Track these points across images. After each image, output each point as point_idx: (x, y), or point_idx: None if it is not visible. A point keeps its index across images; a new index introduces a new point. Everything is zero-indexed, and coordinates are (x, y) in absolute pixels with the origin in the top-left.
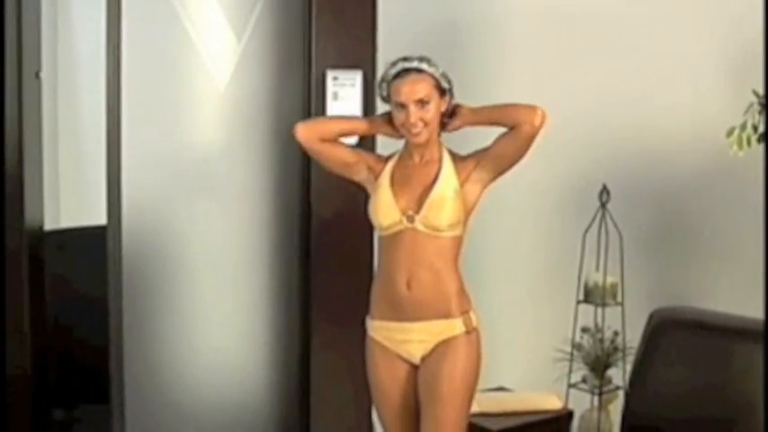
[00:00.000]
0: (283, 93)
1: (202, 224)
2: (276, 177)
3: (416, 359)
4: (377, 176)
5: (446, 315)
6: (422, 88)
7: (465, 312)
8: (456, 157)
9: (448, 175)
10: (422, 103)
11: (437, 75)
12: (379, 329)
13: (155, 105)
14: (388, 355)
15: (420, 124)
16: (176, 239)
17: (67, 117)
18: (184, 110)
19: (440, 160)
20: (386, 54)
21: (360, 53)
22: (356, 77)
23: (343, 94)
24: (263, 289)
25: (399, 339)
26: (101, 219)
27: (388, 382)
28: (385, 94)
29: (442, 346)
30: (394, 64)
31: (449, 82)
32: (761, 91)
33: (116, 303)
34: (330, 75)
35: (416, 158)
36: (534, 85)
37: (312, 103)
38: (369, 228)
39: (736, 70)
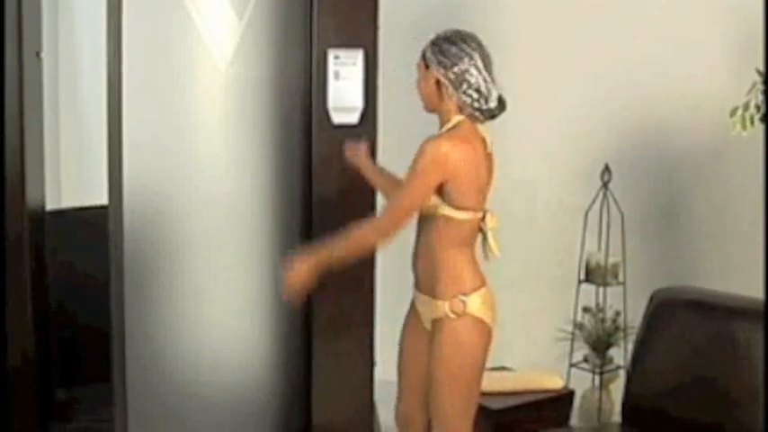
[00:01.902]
0: (285, 72)
1: (203, 203)
2: (277, 157)
3: (428, 328)
4: None
5: (434, 295)
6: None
7: (458, 296)
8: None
9: None
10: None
11: (427, 43)
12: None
13: (156, 85)
14: (415, 319)
15: (418, 92)
16: (178, 219)
17: (68, 97)
18: (185, 89)
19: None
20: (387, 33)
21: (361, 32)
22: (358, 56)
23: (345, 73)
24: (265, 268)
25: (416, 306)
26: (102, 198)
27: (408, 344)
28: None
29: (435, 325)
30: None
31: (435, 54)
32: (763, 70)
33: (118, 283)
34: (331, 54)
35: None
36: (535, 64)
37: (313, 82)
38: (370, 207)
39: (739, 50)
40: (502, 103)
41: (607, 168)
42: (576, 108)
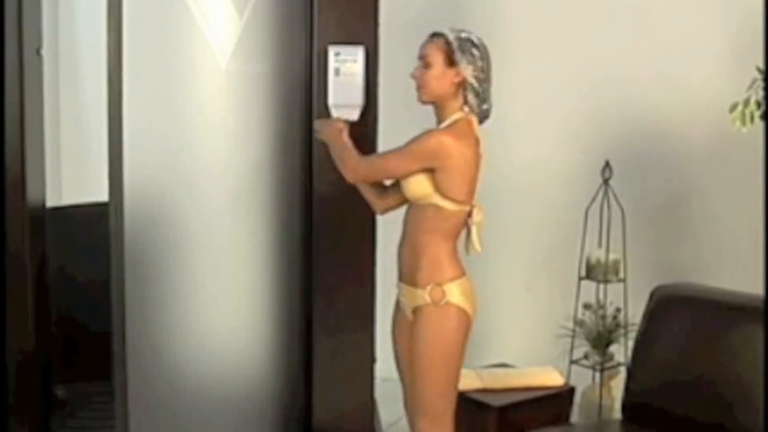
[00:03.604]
0: (285, 68)
1: (204, 200)
2: (278, 153)
3: (410, 318)
4: None
5: (414, 283)
6: (426, 48)
7: (437, 284)
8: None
9: None
10: (424, 61)
11: (453, 41)
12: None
13: (156, 82)
14: (400, 312)
15: (417, 82)
16: (178, 216)
17: (69, 93)
18: (186, 86)
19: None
20: (388, 29)
21: (362, 28)
22: (358, 53)
23: (345, 69)
24: (265, 266)
25: (399, 296)
26: (103, 195)
27: (397, 339)
28: None
29: (416, 314)
30: None
31: (466, 54)
32: (763, 67)
33: (118, 279)
34: (332, 50)
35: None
36: (536, 61)
37: (314, 78)
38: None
39: (739, 46)
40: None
41: (608, 165)
42: (577, 105)
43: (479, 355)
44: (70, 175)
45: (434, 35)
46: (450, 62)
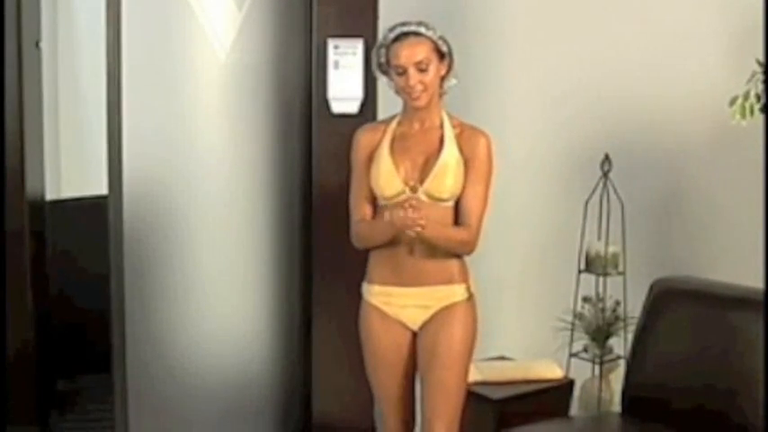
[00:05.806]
0: (284, 62)
1: (203, 192)
2: (277, 146)
3: (415, 325)
4: (376, 146)
5: (449, 281)
6: (421, 51)
7: (466, 279)
8: (456, 125)
9: (450, 144)
10: (421, 66)
11: (435, 38)
12: (378, 294)
13: (155, 75)
14: (387, 321)
15: (419, 87)
16: (177, 208)
17: (68, 87)
18: (185, 79)
19: (441, 127)
20: (387, 22)
21: (361, 22)
22: (357, 46)
23: (345, 62)
24: (265, 258)
25: (399, 304)
26: (102, 188)
27: (385, 347)
28: (383, 59)
29: (444, 312)
30: (392, 29)
31: (447, 45)
32: (763, 60)
33: (117, 272)
34: (331, 43)
35: (416, 125)
36: (535, 54)
37: (313, 71)
38: None
39: (739, 39)
40: None
41: (607, 158)
42: (576, 98)
43: (478, 348)
44: (69, 168)
45: (408, 35)
46: (441, 56)
